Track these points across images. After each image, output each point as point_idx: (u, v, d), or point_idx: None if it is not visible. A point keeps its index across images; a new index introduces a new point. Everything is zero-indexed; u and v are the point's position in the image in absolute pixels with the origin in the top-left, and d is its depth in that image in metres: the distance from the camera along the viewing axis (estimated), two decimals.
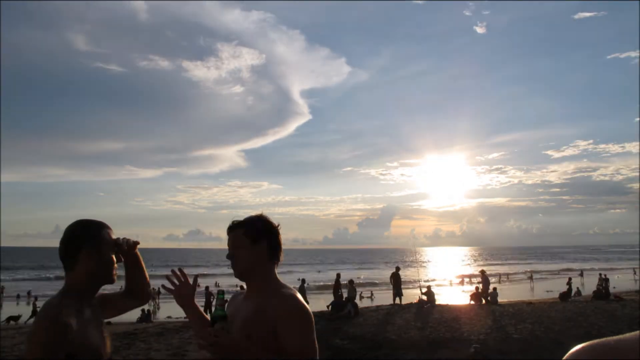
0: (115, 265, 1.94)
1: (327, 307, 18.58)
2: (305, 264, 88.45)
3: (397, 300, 20.66)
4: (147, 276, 2.16)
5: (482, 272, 23.19)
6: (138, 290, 2.13)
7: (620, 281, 37.36)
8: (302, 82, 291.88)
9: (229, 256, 2.02)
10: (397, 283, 21.20)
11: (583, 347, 0.62)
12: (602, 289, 23.81)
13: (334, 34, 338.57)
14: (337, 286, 19.90)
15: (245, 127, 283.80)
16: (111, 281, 1.91)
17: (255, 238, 2.00)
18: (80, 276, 1.82)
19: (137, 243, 2.07)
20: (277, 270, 2.06)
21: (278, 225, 2.07)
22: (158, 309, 28.29)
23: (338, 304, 17.92)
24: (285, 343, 1.82)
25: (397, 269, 22.20)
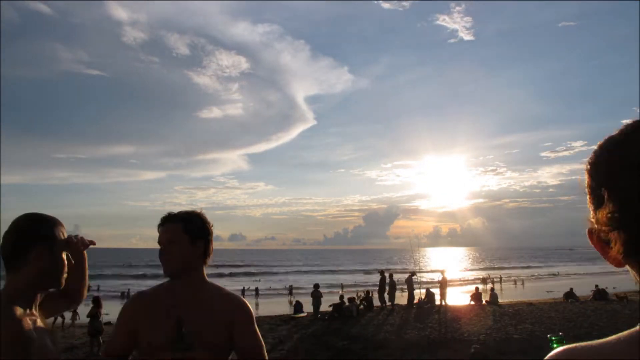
0: (66, 268, 1.68)
1: (329, 307, 18.56)
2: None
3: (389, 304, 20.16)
4: (87, 279, 1.94)
5: (442, 272, 22.91)
6: (75, 291, 1.87)
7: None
8: (307, 90, 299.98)
9: (163, 251, 1.89)
10: (382, 287, 20.84)
11: (562, 351, 0.62)
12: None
13: (337, 44, 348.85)
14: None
15: (251, 132, 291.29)
16: (59, 285, 1.66)
17: (194, 236, 1.91)
18: (29, 277, 1.57)
19: (92, 243, 1.88)
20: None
21: (212, 225, 2.02)
22: None
23: (339, 305, 17.92)
24: (242, 344, 1.86)
25: (381, 272, 21.88)
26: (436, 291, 21.69)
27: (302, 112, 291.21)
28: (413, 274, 21.99)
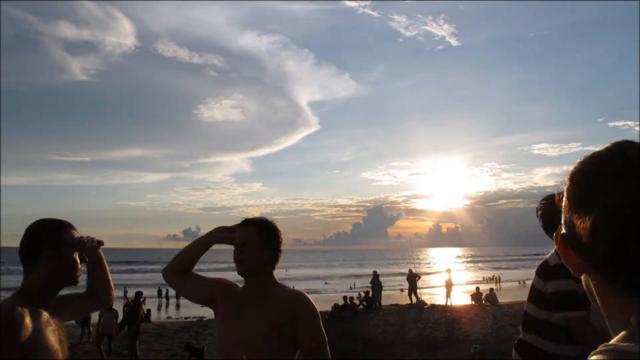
0: (79, 266, 1.81)
1: (332, 307, 18.55)
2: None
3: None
4: (110, 278, 2.06)
5: (410, 270, 22.30)
6: (100, 292, 2.01)
7: None
8: (311, 96, 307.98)
9: (237, 251, 2.07)
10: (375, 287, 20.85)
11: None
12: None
13: (339, 53, 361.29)
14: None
15: (255, 137, 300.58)
16: (74, 283, 1.80)
17: (266, 238, 2.09)
18: (40, 277, 1.70)
19: (101, 243, 1.95)
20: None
21: (281, 233, 2.18)
22: (167, 307, 28.48)
23: (339, 305, 17.92)
24: (302, 335, 1.98)
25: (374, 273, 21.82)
26: (441, 290, 21.68)
27: (306, 117, 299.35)
28: (376, 273, 21.57)
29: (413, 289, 21.17)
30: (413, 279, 21.41)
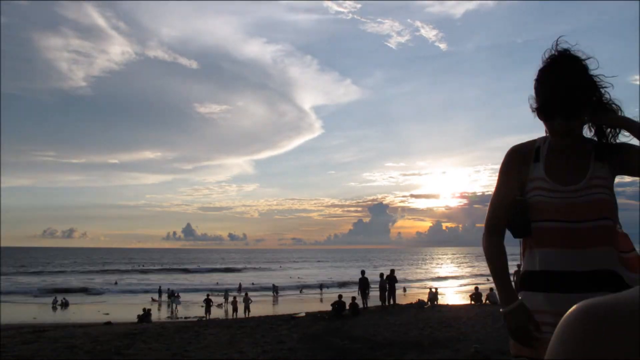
0: None
1: (331, 306, 18.54)
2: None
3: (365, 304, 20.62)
4: None
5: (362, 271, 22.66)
6: None
7: None
8: (314, 100, 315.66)
9: None
10: (363, 286, 21.26)
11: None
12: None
13: (340, 59, 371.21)
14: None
15: (259, 140, 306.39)
16: None
17: None
18: None
19: None
20: None
21: None
22: (159, 308, 28.38)
23: (339, 305, 17.92)
24: None
25: (363, 272, 22.21)
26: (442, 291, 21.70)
27: (310, 121, 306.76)
28: (382, 274, 21.97)
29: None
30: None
